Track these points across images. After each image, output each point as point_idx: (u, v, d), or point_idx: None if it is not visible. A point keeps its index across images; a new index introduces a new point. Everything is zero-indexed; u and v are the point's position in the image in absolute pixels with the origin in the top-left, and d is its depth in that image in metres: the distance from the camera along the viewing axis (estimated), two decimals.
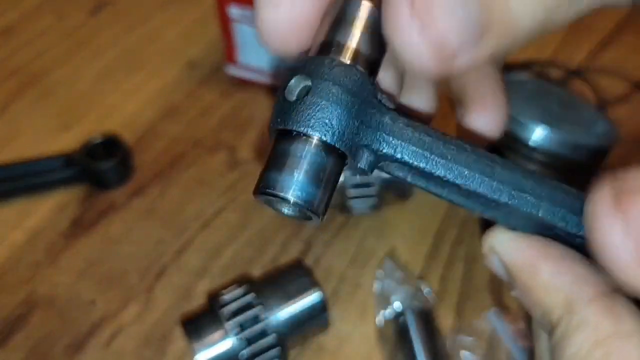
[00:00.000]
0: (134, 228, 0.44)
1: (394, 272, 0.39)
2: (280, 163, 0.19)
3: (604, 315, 0.19)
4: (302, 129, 0.19)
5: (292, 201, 0.19)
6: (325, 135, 0.19)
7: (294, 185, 0.19)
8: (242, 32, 0.50)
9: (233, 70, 0.53)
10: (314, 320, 0.36)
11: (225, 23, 0.50)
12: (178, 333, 0.38)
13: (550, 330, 0.21)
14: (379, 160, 0.20)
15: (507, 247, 0.22)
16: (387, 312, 0.38)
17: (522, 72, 0.53)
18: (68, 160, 0.46)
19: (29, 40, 0.59)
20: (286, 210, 0.21)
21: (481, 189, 0.20)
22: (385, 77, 0.23)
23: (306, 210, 0.19)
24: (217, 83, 0.54)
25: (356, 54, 0.20)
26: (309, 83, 0.19)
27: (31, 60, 0.57)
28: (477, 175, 0.20)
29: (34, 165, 0.46)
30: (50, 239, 0.43)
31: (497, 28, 0.18)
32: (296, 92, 0.19)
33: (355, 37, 0.20)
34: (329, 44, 0.20)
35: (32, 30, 0.60)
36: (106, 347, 0.38)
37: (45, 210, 0.45)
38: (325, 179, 0.19)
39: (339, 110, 0.19)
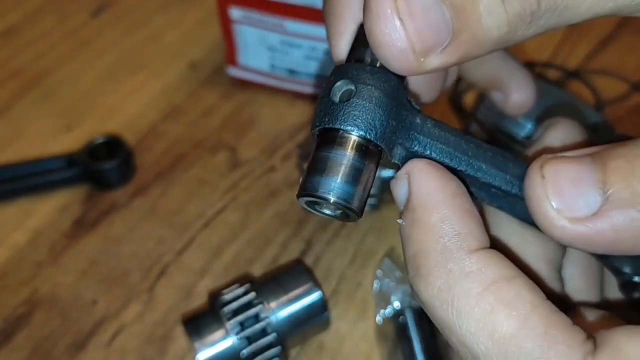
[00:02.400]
0: (135, 228, 0.44)
1: (394, 271, 0.39)
2: (323, 165, 0.21)
3: (485, 263, 0.20)
4: (349, 127, 0.21)
5: (332, 201, 0.21)
6: (369, 134, 0.21)
7: (335, 186, 0.21)
8: (243, 34, 0.50)
9: (234, 72, 0.54)
10: (314, 319, 0.36)
11: (226, 24, 0.50)
12: (179, 332, 0.38)
13: (415, 270, 0.22)
14: (410, 156, 0.22)
15: (423, 177, 0.22)
16: (387, 311, 0.38)
17: None
18: (70, 160, 0.47)
19: (31, 41, 0.59)
20: (327, 211, 0.23)
21: (496, 182, 0.22)
22: None
23: (347, 210, 0.21)
24: (218, 84, 0.55)
25: None
26: (352, 87, 0.21)
27: (33, 61, 0.57)
28: (493, 170, 0.22)
29: (36, 166, 0.47)
30: (53, 238, 0.44)
31: (467, 36, 0.20)
32: (339, 95, 0.22)
33: None
34: (365, 52, 0.23)
35: (34, 32, 0.60)
36: (108, 346, 0.38)
37: (47, 210, 0.45)
38: (364, 179, 0.21)
39: (381, 112, 0.21)
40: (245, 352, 0.34)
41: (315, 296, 0.36)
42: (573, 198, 0.19)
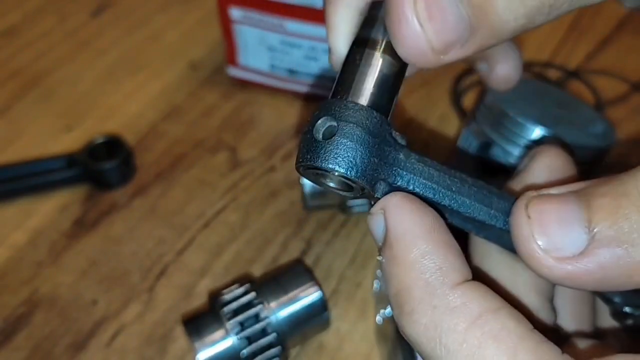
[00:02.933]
0: (135, 228, 0.44)
1: None
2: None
3: (469, 297, 0.20)
4: (330, 166, 0.21)
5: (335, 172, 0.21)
6: (350, 172, 0.21)
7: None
8: (243, 34, 0.50)
9: (234, 72, 0.54)
10: (314, 319, 0.36)
11: (226, 24, 0.50)
12: (179, 332, 0.38)
13: (399, 308, 0.21)
14: (393, 190, 0.22)
15: (398, 212, 0.22)
16: (387, 311, 0.38)
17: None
18: (70, 160, 0.47)
19: (31, 41, 0.59)
20: (330, 183, 0.24)
21: (480, 216, 0.23)
22: None
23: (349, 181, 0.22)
24: (218, 84, 0.55)
25: (373, 97, 0.22)
26: (334, 124, 0.22)
27: (33, 61, 0.57)
28: (476, 204, 0.23)
29: (36, 166, 0.47)
30: (53, 238, 0.44)
31: (484, 30, 0.20)
32: (322, 132, 0.22)
33: (371, 83, 0.23)
34: (349, 88, 0.23)
35: (34, 32, 0.60)
36: (108, 346, 0.38)
37: (47, 210, 0.45)
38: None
39: (362, 150, 0.21)
40: (245, 352, 0.34)
41: (315, 296, 0.36)
42: (559, 237, 0.19)
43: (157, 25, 0.61)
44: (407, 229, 0.21)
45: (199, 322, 0.35)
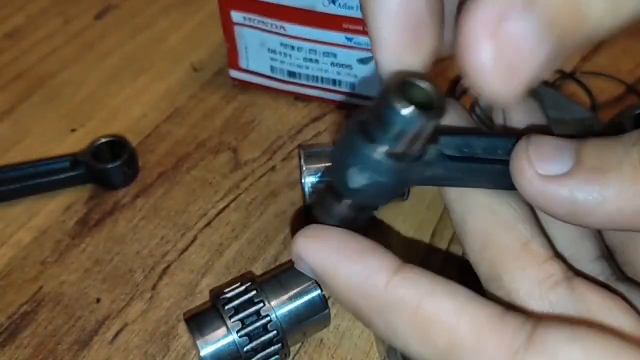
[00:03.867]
0: (138, 227, 0.45)
1: None
2: None
3: (403, 291, 0.22)
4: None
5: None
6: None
7: None
8: (244, 36, 0.51)
9: (236, 74, 0.54)
10: (315, 316, 0.37)
11: (227, 27, 0.51)
12: (182, 329, 0.39)
13: (360, 321, 0.23)
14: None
15: (308, 252, 0.23)
16: None
17: None
18: (74, 161, 0.47)
19: (35, 43, 0.60)
20: None
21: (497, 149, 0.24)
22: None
23: None
24: (220, 86, 0.55)
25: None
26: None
27: (37, 63, 0.58)
28: (493, 139, 0.24)
29: (40, 166, 0.47)
30: (57, 237, 0.44)
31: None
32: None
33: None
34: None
35: (39, 34, 0.61)
36: (111, 343, 0.39)
37: (51, 209, 0.46)
38: None
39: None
40: (246, 349, 0.34)
41: (315, 294, 0.37)
42: (550, 158, 0.21)
43: (160, 28, 0.62)
44: (324, 262, 0.23)
45: (201, 320, 0.35)
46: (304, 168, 0.42)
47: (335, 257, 0.23)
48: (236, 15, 0.49)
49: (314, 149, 0.44)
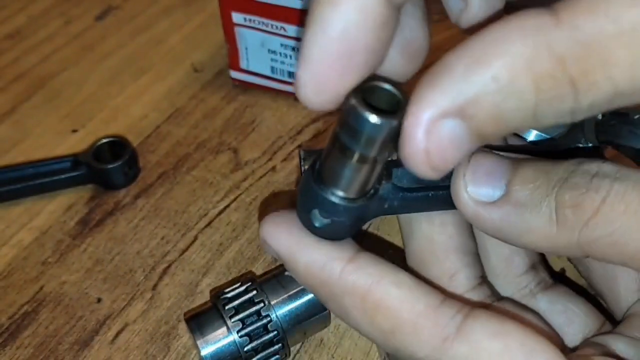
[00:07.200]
0: (139, 227, 0.45)
1: None
2: None
3: (354, 278, 0.24)
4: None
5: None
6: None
7: None
8: (245, 37, 0.51)
9: (236, 74, 0.54)
10: (315, 316, 0.37)
11: (228, 28, 0.51)
12: (182, 329, 0.39)
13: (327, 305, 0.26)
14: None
15: (272, 238, 0.25)
16: None
17: None
18: (75, 161, 0.47)
19: (36, 43, 0.60)
20: None
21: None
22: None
23: None
24: (220, 87, 0.55)
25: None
26: (328, 221, 0.24)
27: (38, 64, 0.58)
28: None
29: (41, 167, 0.47)
30: (58, 238, 0.44)
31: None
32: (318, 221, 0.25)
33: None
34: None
35: (40, 35, 0.61)
36: (112, 343, 0.39)
37: (52, 210, 0.46)
38: None
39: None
40: (247, 348, 0.35)
41: None
42: (482, 184, 0.23)
43: (161, 29, 0.62)
44: (285, 250, 0.25)
45: (201, 320, 0.35)
46: (304, 169, 0.42)
47: (295, 245, 0.25)
48: (237, 16, 0.50)
49: (314, 149, 0.44)
